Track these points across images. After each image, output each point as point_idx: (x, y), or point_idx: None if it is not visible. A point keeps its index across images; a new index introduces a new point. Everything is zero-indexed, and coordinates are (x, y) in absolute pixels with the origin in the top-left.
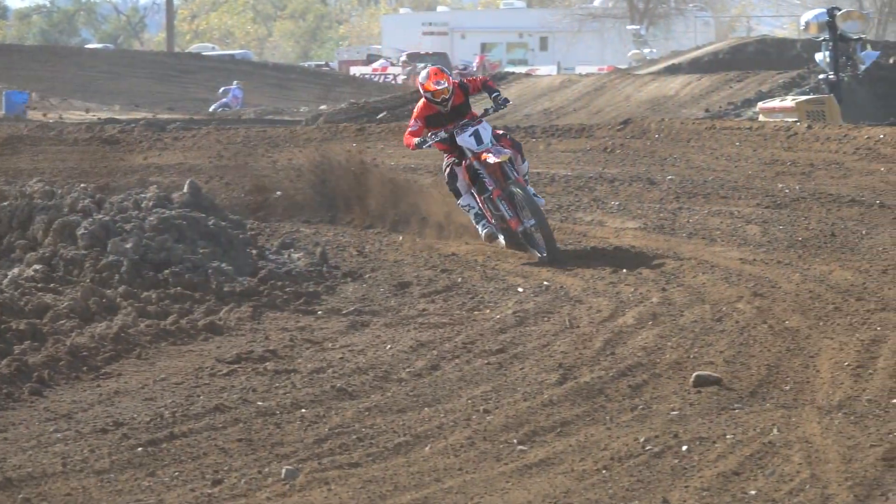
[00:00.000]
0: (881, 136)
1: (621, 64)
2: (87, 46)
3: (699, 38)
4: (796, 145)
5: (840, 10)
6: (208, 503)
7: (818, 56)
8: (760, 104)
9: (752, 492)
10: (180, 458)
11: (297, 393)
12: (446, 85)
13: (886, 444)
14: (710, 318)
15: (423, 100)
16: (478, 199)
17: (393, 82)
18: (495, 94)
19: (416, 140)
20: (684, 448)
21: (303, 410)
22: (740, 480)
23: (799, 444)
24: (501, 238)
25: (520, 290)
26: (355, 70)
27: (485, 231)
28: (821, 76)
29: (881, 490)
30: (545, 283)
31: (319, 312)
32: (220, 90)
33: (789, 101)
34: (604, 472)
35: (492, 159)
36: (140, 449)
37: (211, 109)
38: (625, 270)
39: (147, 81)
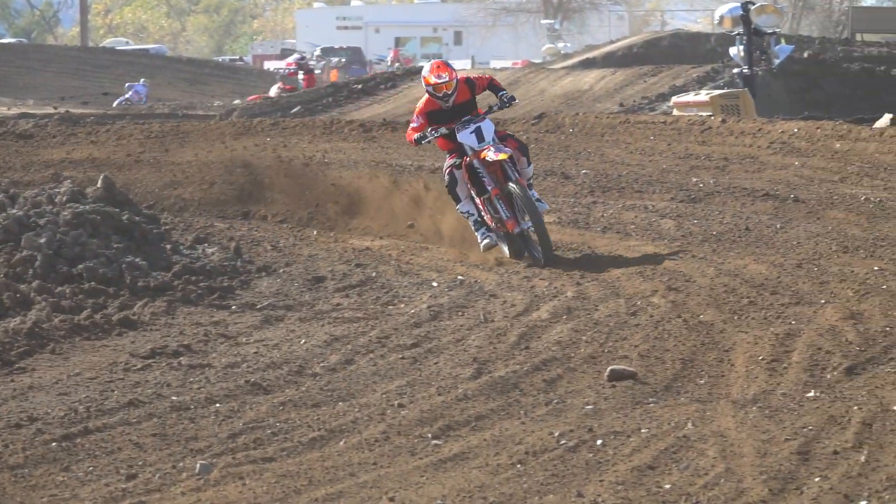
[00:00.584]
0: (795, 130)
1: (535, 58)
2: (0, 41)
3: (613, 33)
4: (710, 139)
5: (754, 4)
6: (122, 498)
7: (732, 50)
8: (675, 98)
9: (667, 486)
10: (95, 453)
11: (211, 388)
12: (448, 79)
13: (801, 437)
14: (625, 313)
15: (425, 96)
16: (479, 204)
17: None
18: (502, 93)
19: (416, 135)
20: (599, 442)
21: (217, 405)
22: (655, 474)
23: (714, 438)
24: (505, 247)
25: (434, 284)
26: (269, 65)
27: (484, 241)
28: (735, 70)
29: (796, 484)
30: (459, 277)
31: (233, 307)
32: (126, 86)
33: (703, 96)
34: (518, 466)
35: (491, 156)
36: (54, 444)
37: (114, 104)
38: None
39: (61, 76)
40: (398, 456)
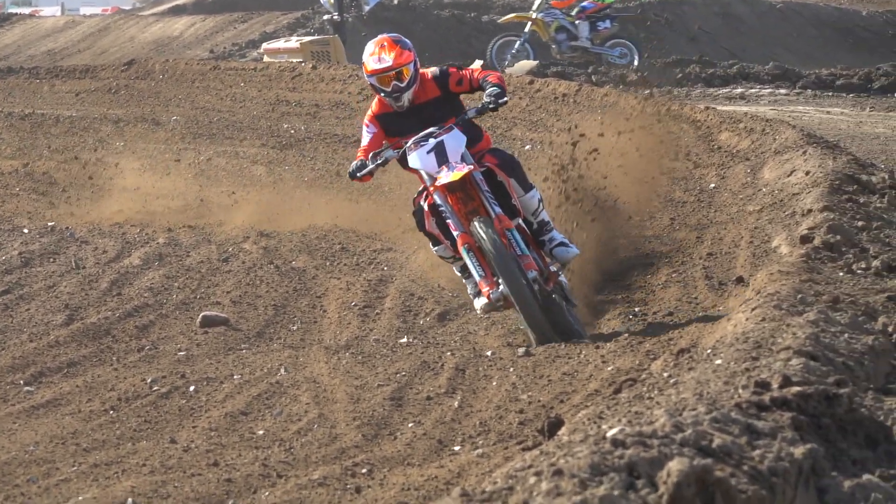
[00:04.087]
0: None
1: (125, 5)
2: None
3: None
4: (301, 86)
5: None
6: None
7: None
8: (265, 45)
9: (260, 432)
10: None
11: None
12: (390, 63)
13: (394, 383)
14: (217, 259)
15: (376, 96)
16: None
17: None
18: (490, 89)
19: (352, 164)
20: (192, 388)
21: None
22: (248, 420)
23: (307, 385)
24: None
25: (25, 231)
26: None
27: (480, 301)
28: (325, 17)
29: (389, 430)
30: (50, 224)
31: None
32: None
33: (294, 42)
34: (111, 412)
35: (442, 179)
36: None
37: None
38: (131, 211)
39: None
40: None
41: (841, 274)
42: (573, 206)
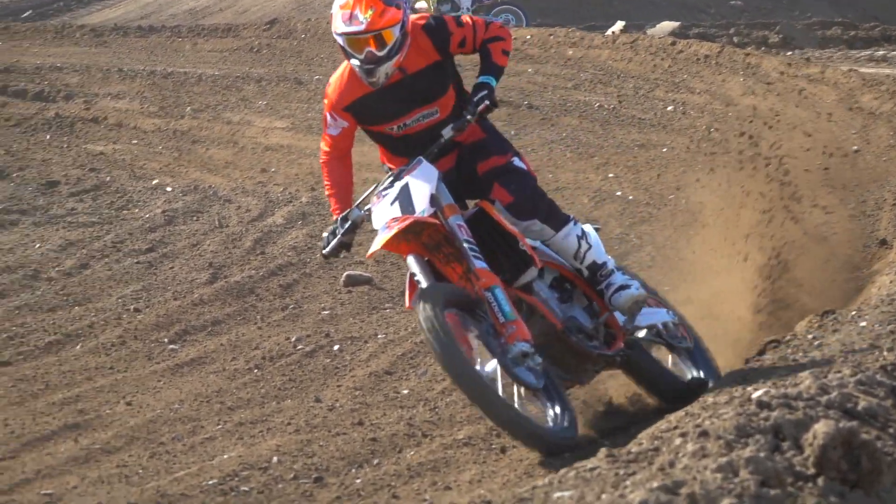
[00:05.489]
0: (528, 37)
1: None
2: None
3: None
4: None
5: None
6: None
7: None
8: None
9: (405, 391)
10: None
11: None
12: (363, 25)
13: None
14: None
15: (344, 64)
16: None
17: None
18: (482, 82)
19: (322, 238)
20: (336, 348)
21: None
22: (392, 380)
23: None
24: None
25: (168, 189)
26: None
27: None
28: None
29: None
30: (195, 182)
31: None
32: None
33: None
34: (255, 371)
35: (373, 247)
36: None
37: None
38: (273, 170)
39: None
40: (135, 360)
41: None
42: None
